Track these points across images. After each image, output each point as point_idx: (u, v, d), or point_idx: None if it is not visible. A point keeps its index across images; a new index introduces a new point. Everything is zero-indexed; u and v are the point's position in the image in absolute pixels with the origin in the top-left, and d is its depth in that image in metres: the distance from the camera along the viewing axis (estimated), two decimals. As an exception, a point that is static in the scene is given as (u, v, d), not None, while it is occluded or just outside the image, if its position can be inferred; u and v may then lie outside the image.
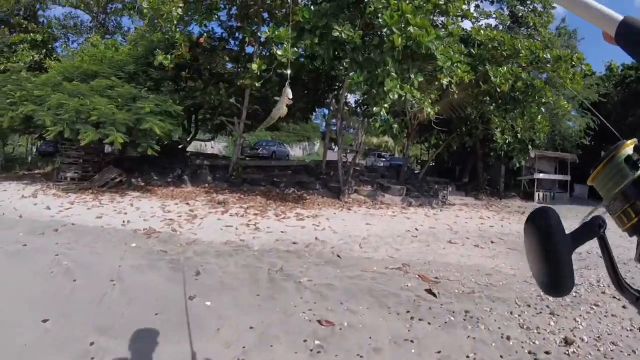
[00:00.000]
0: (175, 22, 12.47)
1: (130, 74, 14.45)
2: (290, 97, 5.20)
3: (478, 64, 15.33)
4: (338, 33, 10.62)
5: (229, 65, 18.33)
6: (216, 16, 14.11)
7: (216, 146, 36.67)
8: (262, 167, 17.93)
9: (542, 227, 0.79)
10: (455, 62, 12.74)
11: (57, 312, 4.44)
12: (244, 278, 5.73)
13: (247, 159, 21.81)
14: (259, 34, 12.78)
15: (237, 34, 16.27)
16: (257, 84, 11.79)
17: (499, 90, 15.15)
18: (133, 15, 23.84)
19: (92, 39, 21.03)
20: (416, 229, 10.90)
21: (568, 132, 27.03)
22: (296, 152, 46.88)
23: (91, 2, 25.70)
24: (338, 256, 7.23)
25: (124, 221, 9.30)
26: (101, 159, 16.54)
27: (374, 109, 11.18)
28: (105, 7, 26.67)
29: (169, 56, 12.78)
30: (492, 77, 14.74)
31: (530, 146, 21.21)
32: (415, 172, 24.06)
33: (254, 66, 11.58)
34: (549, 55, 15.69)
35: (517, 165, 23.70)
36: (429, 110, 12.76)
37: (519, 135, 20.44)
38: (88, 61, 16.03)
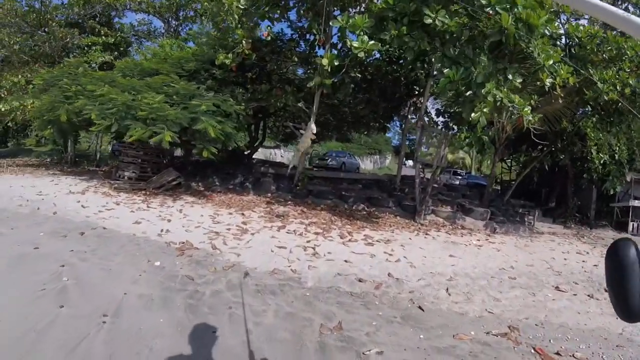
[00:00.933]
0: (236, 16, 11.03)
1: (190, 72, 13.18)
2: (315, 132, 4.17)
3: (580, 66, 12.59)
4: (431, 20, 8.56)
5: (300, 72, 16.89)
6: (279, 12, 12.48)
7: (286, 155, 35.45)
8: (330, 179, 16.13)
9: (617, 258, 0.94)
10: (557, 62, 10.35)
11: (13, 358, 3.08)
12: (282, 339, 3.84)
13: (315, 169, 20.12)
14: (331, 23, 10.88)
15: (307, 36, 14.67)
16: (327, 82, 9.97)
17: (606, 98, 12.37)
18: (205, 22, 23.01)
19: (163, 42, 20.34)
20: (512, 267, 8.54)
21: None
22: (366, 164, 44.71)
23: (162, 9, 25.15)
24: (420, 308, 5.12)
25: (162, 230, 7.83)
26: (163, 160, 15.58)
27: (472, 115, 8.95)
28: (176, 13, 26.05)
29: (230, 55, 11.35)
30: (598, 83, 12.01)
31: (627, 168, 18.01)
32: (499, 193, 21.26)
33: (325, 61, 9.80)
34: (659, 57, 12.74)
35: (613, 191, 20.36)
36: (530, 118, 10.35)
37: (616, 156, 17.29)
38: (151, 60, 15.05)
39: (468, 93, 8.81)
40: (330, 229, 9.73)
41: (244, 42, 11.07)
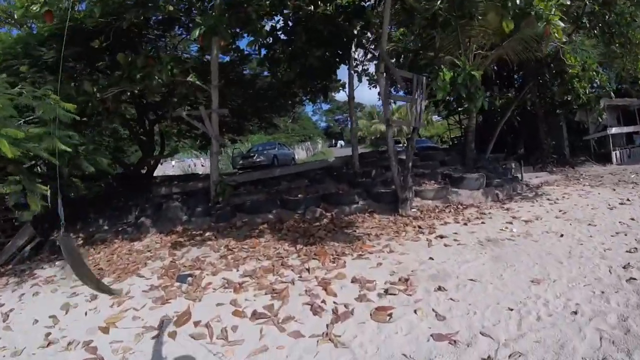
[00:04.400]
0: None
1: (-2, 60, 7.53)
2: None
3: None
4: None
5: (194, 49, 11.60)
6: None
7: (208, 164, 29.39)
8: (263, 182, 11.07)
9: None
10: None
11: None
12: None
13: (240, 172, 14.84)
14: None
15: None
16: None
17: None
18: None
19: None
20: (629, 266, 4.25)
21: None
22: (299, 154, 39.47)
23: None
24: None
25: None
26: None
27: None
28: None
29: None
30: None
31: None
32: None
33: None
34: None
35: (598, 121, 17.13)
36: (561, 24, 6.20)
37: (597, 82, 13.97)
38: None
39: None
40: (284, 284, 4.76)
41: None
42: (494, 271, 4.75)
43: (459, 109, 13.10)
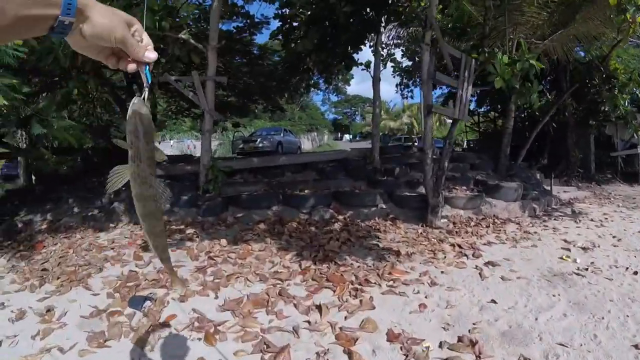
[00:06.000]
0: None
1: None
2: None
3: None
4: None
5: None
6: None
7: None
8: (263, 170, 9.40)
9: None
10: None
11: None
12: None
13: (239, 157, 13.18)
14: None
15: None
16: None
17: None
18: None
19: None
20: None
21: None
22: (304, 143, 37.54)
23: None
24: None
25: None
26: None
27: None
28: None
29: None
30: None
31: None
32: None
33: None
34: None
35: (633, 137, 15.54)
36: None
37: (638, 94, 12.60)
38: None
39: None
40: (283, 335, 3.09)
41: None
42: (583, 329, 3.12)
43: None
